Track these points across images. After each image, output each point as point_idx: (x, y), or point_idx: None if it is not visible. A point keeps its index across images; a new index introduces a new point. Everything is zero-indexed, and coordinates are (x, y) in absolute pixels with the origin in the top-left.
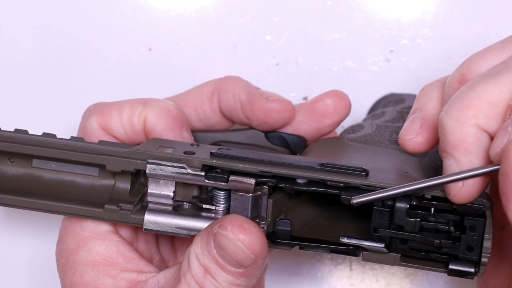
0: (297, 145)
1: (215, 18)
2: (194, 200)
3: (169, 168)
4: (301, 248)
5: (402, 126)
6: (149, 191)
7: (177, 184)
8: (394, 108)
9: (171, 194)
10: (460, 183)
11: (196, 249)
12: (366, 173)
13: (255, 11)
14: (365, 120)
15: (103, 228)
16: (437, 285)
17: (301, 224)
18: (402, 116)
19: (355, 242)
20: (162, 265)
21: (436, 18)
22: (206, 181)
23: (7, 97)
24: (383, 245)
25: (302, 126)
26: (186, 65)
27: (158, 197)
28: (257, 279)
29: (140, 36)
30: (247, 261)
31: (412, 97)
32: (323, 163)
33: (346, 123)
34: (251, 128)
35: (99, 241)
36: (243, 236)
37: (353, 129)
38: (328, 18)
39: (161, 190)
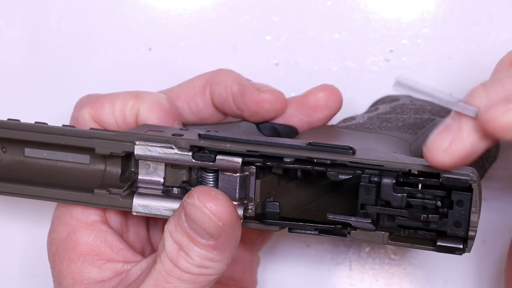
0: (288, 135)
1: (215, 18)
2: (183, 184)
3: (157, 149)
4: (290, 230)
5: (394, 117)
6: (139, 177)
7: (167, 169)
8: (388, 104)
9: (161, 180)
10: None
11: (170, 226)
12: (353, 151)
13: (255, 11)
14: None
15: (93, 218)
16: (437, 285)
17: (290, 209)
18: (395, 110)
19: (342, 219)
20: None
21: (436, 18)
22: (193, 161)
23: (6, 97)
24: (369, 221)
25: (293, 119)
26: (186, 65)
27: (148, 183)
28: (231, 256)
29: (140, 36)
30: (216, 230)
31: (407, 97)
32: (310, 142)
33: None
34: (244, 120)
35: (88, 230)
36: (209, 203)
37: (344, 120)
38: (328, 18)
39: (151, 176)
